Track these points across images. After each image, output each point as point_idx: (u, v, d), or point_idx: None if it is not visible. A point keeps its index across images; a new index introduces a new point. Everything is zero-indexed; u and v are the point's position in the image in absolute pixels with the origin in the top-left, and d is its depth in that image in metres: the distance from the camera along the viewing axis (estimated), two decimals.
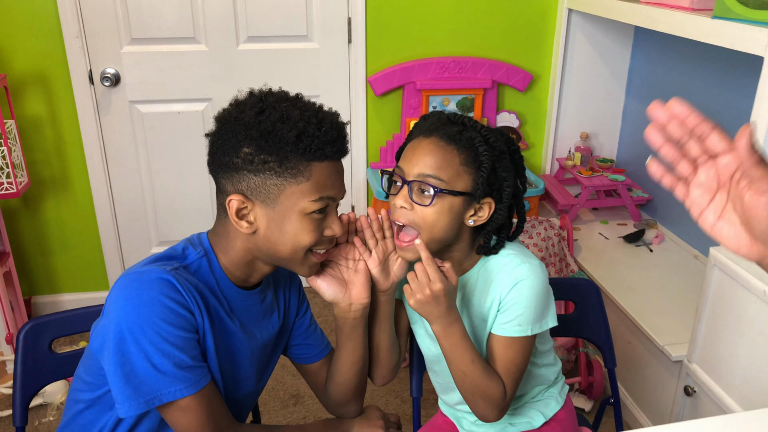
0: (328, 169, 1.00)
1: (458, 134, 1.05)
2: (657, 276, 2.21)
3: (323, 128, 0.97)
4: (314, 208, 0.99)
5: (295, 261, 1.03)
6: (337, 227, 1.04)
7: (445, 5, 2.47)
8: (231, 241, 1.04)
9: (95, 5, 2.27)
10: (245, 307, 1.09)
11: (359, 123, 2.58)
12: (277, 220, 1.00)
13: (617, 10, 2.14)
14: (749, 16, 1.55)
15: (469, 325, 1.15)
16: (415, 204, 1.04)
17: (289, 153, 0.96)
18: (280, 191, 0.98)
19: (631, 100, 2.72)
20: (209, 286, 1.04)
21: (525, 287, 1.09)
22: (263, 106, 0.98)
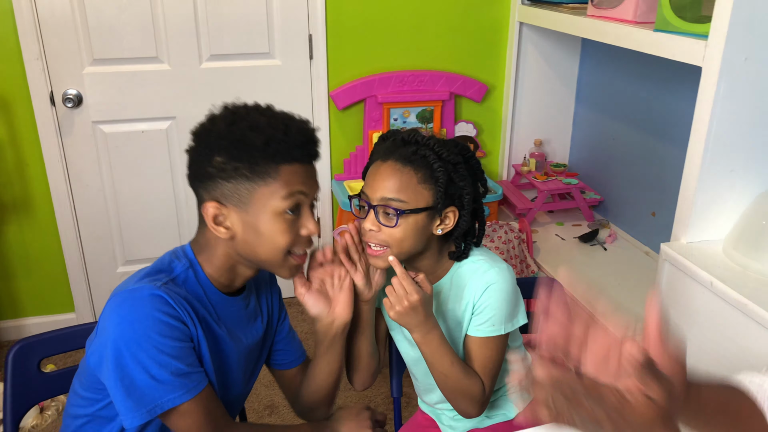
0: (296, 169, 1.05)
1: (413, 155, 1.12)
2: (612, 272, 2.33)
3: (290, 134, 1.03)
4: (285, 206, 1.04)
5: (275, 263, 1.08)
6: (312, 226, 1.08)
7: (402, 21, 2.56)
8: (212, 249, 1.09)
9: (55, 27, 2.28)
10: (231, 312, 1.14)
11: (323, 136, 2.64)
12: (252, 223, 1.04)
13: (566, 23, 2.26)
14: (687, 29, 1.68)
15: (446, 329, 1.22)
16: (383, 226, 1.12)
17: (258, 158, 1.02)
18: (251, 194, 1.03)
19: (580, 108, 2.86)
20: (197, 296, 1.08)
21: (495, 290, 1.17)
22: (234, 118, 1.05)
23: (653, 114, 2.39)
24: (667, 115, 2.30)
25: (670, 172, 2.28)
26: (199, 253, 1.10)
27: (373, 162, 1.18)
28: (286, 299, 3.00)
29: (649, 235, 2.46)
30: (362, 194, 1.17)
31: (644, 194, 2.48)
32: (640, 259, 2.42)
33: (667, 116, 2.30)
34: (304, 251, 1.11)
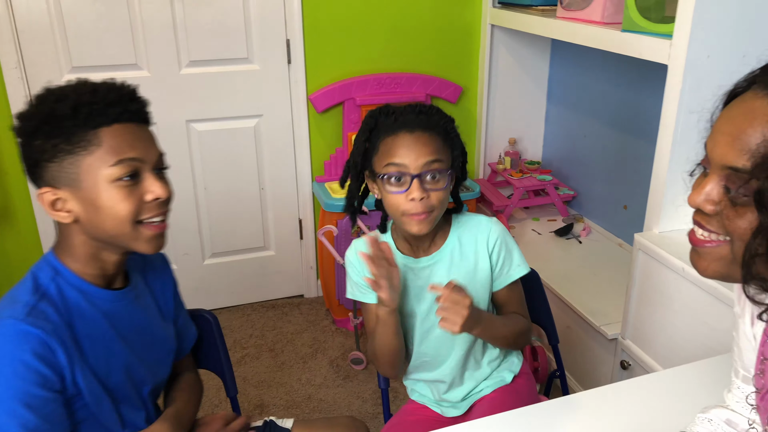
0: (120, 131, 0.98)
1: (431, 122, 1.20)
2: (588, 264, 2.42)
3: (99, 94, 0.97)
4: (118, 173, 0.97)
5: (126, 236, 1.01)
6: (159, 189, 1.01)
7: (379, 25, 2.62)
8: (69, 241, 1.03)
9: (33, 35, 2.28)
10: (118, 308, 1.08)
11: (302, 139, 2.68)
12: (89, 199, 0.98)
13: (536, 25, 2.34)
14: (653, 29, 1.77)
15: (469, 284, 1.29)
16: (430, 191, 1.18)
17: (72, 127, 0.96)
18: (78, 169, 0.97)
19: (551, 106, 2.95)
20: (75, 303, 1.02)
21: (500, 232, 1.33)
22: (41, 98, 0.99)
23: (622, 111, 2.48)
24: (635, 111, 2.40)
25: (640, 166, 2.37)
26: (61, 253, 1.05)
27: (392, 133, 1.19)
28: (270, 301, 3.03)
29: (622, 228, 2.56)
30: (395, 166, 1.18)
31: (616, 188, 2.57)
32: (613, 251, 2.51)
33: (636, 113, 2.39)
34: (158, 218, 1.03)
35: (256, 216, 2.78)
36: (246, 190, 2.72)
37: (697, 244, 0.76)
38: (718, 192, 0.72)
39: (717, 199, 0.72)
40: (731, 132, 0.69)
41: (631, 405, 1.15)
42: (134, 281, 1.13)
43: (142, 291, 1.16)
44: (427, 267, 1.31)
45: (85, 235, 1.02)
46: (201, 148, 2.60)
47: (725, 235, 0.72)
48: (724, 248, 0.73)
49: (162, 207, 1.04)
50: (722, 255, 0.74)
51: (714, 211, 0.72)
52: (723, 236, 0.73)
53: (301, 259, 2.91)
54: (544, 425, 1.10)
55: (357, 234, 2.53)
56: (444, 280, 1.29)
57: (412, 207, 1.18)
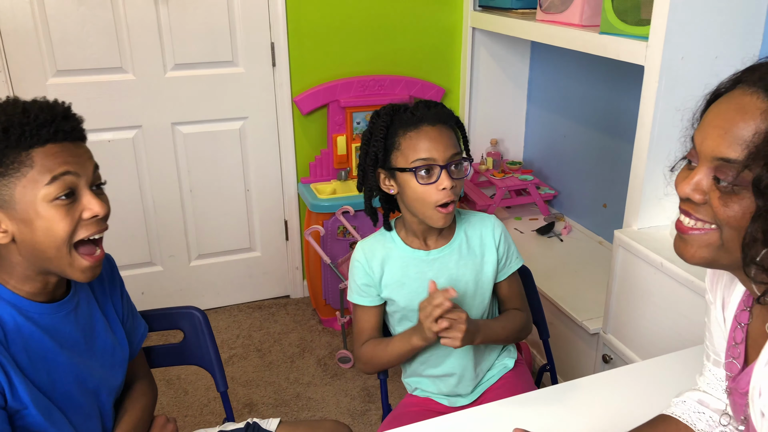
0: (53, 150, 0.96)
1: (444, 114, 1.27)
2: (569, 262, 2.47)
3: (31, 114, 0.95)
4: (55, 192, 0.96)
5: (63, 262, 1.00)
6: (96, 206, 1.00)
7: (362, 28, 2.66)
8: (7, 261, 1.01)
9: (18, 39, 2.28)
10: (57, 320, 1.07)
11: (287, 141, 2.71)
12: (24, 220, 0.96)
13: (516, 28, 2.39)
14: (630, 31, 1.82)
15: (474, 277, 1.38)
16: (455, 180, 1.25)
17: (4, 149, 0.94)
18: (12, 191, 0.95)
19: (532, 108, 3.00)
20: (10, 320, 1.01)
21: (502, 228, 1.42)
22: None
23: (601, 111, 2.54)
24: (614, 111, 2.46)
25: (618, 165, 2.43)
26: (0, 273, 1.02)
27: (414, 128, 1.25)
28: (257, 302, 3.05)
29: (602, 226, 2.62)
30: (428, 160, 1.24)
31: (596, 187, 2.63)
32: (593, 248, 2.57)
33: (614, 113, 2.46)
34: (97, 235, 1.02)
35: (242, 217, 2.80)
36: (232, 192, 2.74)
37: (684, 231, 0.80)
38: (707, 182, 0.76)
39: (706, 188, 0.76)
40: (722, 125, 0.74)
41: (618, 392, 1.20)
42: (74, 291, 1.11)
43: (83, 298, 1.13)
44: (437, 259, 1.37)
45: (23, 255, 1.00)
46: (186, 151, 2.61)
47: (713, 222, 0.77)
48: (711, 235, 0.77)
49: (100, 224, 1.02)
50: (710, 242, 0.78)
51: (703, 200, 0.77)
52: (711, 224, 0.77)
53: (287, 260, 2.93)
54: (548, 410, 1.15)
55: (343, 234, 2.56)
56: (454, 272, 1.36)
57: (444, 196, 1.24)
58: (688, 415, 0.98)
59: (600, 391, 1.21)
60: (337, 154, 2.67)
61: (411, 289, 1.37)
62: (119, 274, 1.25)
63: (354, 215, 2.52)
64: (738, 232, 0.74)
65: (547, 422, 1.12)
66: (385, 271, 1.37)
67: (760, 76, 0.73)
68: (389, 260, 1.37)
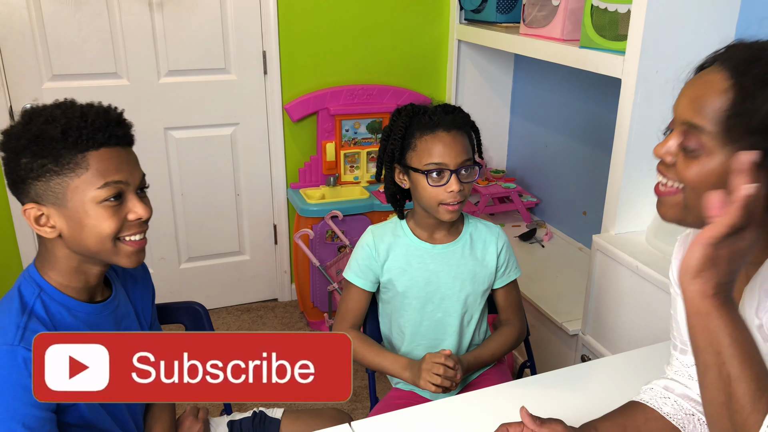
0: (107, 155, 1.02)
1: (460, 120, 1.36)
2: (550, 267, 2.56)
3: (89, 119, 1.01)
4: (104, 195, 1.02)
5: (107, 252, 1.06)
6: (141, 209, 1.06)
7: (352, 39, 2.74)
8: (52, 255, 1.07)
9: (14, 44, 2.33)
10: (100, 320, 1.12)
11: (278, 147, 2.77)
12: (73, 217, 1.03)
13: (500, 41, 2.48)
14: (608, 45, 1.92)
15: (472, 277, 1.47)
16: (464, 183, 1.34)
17: (61, 150, 1.00)
18: (65, 189, 1.01)
19: (515, 118, 3.10)
20: (61, 319, 1.06)
21: (505, 239, 1.51)
22: (30, 117, 1.03)
23: (581, 122, 2.64)
24: (593, 122, 2.56)
25: (598, 174, 2.53)
26: (44, 266, 1.08)
27: (430, 132, 1.35)
28: (245, 305, 3.09)
29: (582, 232, 2.71)
30: (439, 164, 1.33)
31: (576, 195, 2.73)
32: (573, 254, 2.66)
33: (593, 124, 2.55)
34: (138, 236, 1.09)
35: (232, 221, 2.86)
36: (222, 196, 2.80)
37: (659, 194, 0.91)
38: (676, 145, 0.86)
39: (674, 151, 0.87)
40: (692, 95, 0.84)
41: (593, 382, 1.28)
42: (115, 291, 1.17)
43: (122, 300, 1.20)
44: (440, 253, 1.47)
45: (68, 249, 1.06)
46: (178, 155, 2.67)
47: (679, 183, 0.86)
48: (677, 196, 0.88)
49: (143, 226, 1.09)
50: (677, 202, 0.88)
51: (672, 161, 0.87)
52: (677, 184, 0.87)
53: (276, 263, 2.99)
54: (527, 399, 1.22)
55: (331, 239, 2.63)
56: (454, 268, 1.46)
57: (451, 198, 1.34)
58: (655, 400, 1.06)
59: (577, 382, 1.29)
60: (326, 161, 2.74)
61: (411, 276, 1.46)
62: (152, 282, 1.32)
63: (342, 220, 2.58)
64: (697, 193, 0.84)
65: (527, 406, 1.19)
66: (390, 255, 1.46)
67: (730, 55, 0.83)
68: (396, 246, 1.46)
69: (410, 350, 1.52)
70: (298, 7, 2.62)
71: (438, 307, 1.48)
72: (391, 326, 1.55)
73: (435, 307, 1.48)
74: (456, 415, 1.19)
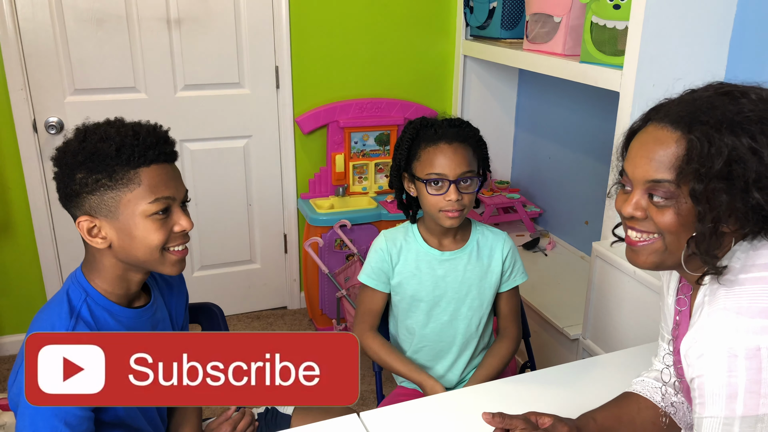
0: (157, 171, 1.10)
1: (465, 133, 1.43)
2: (553, 275, 2.63)
3: (140, 137, 1.09)
4: (154, 209, 1.10)
5: (154, 261, 1.14)
6: (185, 222, 1.14)
7: (361, 54, 2.84)
8: (99, 263, 1.14)
9: (39, 59, 2.44)
10: (139, 324, 1.20)
11: (288, 158, 2.87)
12: (124, 229, 1.10)
13: (504, 56, 2.57)
14: (607, 60, 2.00)
15: (478, 284, 1.54)
16: (464, 194, 1.41)
17: (115, 166, 1.07)
18: (117, 203, 1.08)
19: (519, 131, 3.18)
20: (104, 322, 1.14)
21: (511, 244, 1.57)
22: (85, 135, 1.10)
23: (583, 135, 2.72)
24: (594, 135, 2.63)
25: (599, 184, 2.60)
26: (90, 273, 1.16)
27: (432, 144, 1.42)
28: (255, 312, 3.17)
29: (584, 242, 2.78)
30: (437, 174, 1.41)
31: (578, 206, 2.80)
32: (576, 263, 2.73)
33: (594, 136, 2.63)
34: (182, 246, 1.17)
35: (244, 231, 2.94)
36: (234, 206, 2.89)
37: (634, 244, 0.98)
38: (644, 201, 0.94)
39: (645, 206, 0.94)
40: (647, 155, 0.92)
41: (590, 378, 1.35)
42: (153, 297, 1.25)
43: (159, 306, 1.27)
44: (448, 260, 1.54)
45: (115, 258, 1.14)
46: (193, 166, 2.76)
47: (656, 232, 0.94)
48: (656, 243, 0.95)
49: (186, 237, 1.18)
50: (656, 248, 0.95)
51: (644, 215, 0.94)
52: (654, 234, 0.94)
53: (286, 272, 3.07)
54: (527, 393, 1.29)
55: (340, 247, 2.71)
56: (461, 274, 1.53)
57: (449, 206, 1.41)
58: (647, 390, 1.13)
59: (575, 377, 1.36)
60: (335, 172, 2.83)
61: (420, 280, 1.54)
62: (186, 289, 1.40)
63: (351, 229, 2.67)
64: (677, 236, 0.92)
65: (526, 401, 1.27)
66: (400, 259, 1.54)
67: (664, 113, 0.92)
68: (407, 251, 1.54)
69: (416, 350, 1.60)
70: (309, 24, 2.72)
71: (444, 311, 1.56)
72: (398, 327, 1.62)
73: (442, 311, 1.56)
74: (460, 408, 1.26)
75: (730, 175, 0.85)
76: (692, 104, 0.90)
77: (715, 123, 0.86)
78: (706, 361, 0.85)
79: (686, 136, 0.88)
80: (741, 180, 0.85)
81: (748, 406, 0.82)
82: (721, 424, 0.84)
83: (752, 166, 0.84)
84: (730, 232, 0.90)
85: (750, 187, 0.84)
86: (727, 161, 0.85)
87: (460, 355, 1.59)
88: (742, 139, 0.85)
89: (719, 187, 0.85)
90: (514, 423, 1.04)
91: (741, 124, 0.85)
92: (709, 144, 0.85)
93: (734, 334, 0.83)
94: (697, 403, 0.87)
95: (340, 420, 1.20)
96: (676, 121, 0.89)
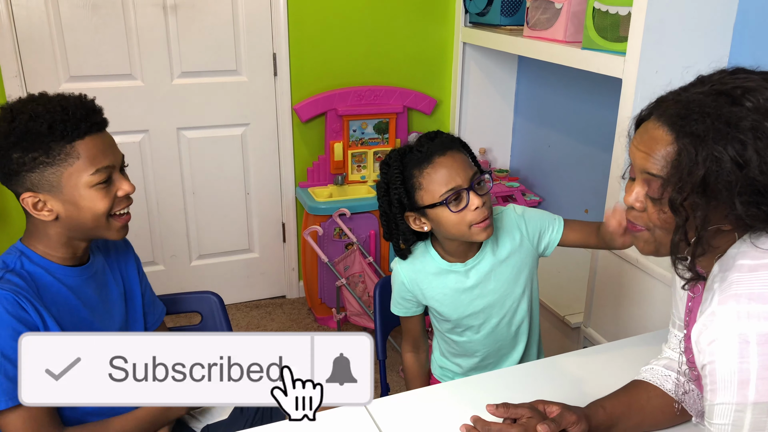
0: (93, 142, 1.13)
1: (448, 140, 1.32)
2: (552, 263, 2.61)
3: (69, 111, 1.11)
4: (96, 180, 1.13)
5: (101, 228, 1.18)
6: (128, 186, 1.19)
7: (360, 41, 2.81)
8: (43, 232, 1.17)
9: (34, 46, 2.41)
10: (82, 280, 1.22)
11: (287, 147, 2.84)
12: (70, 200, 1.13)
13: (504, 43, 2.55)
14: (609, 47, 1.98)
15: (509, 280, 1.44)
16: (482, 197, 1.29)
17: (50, 143, 1.09)
18: (59, 177, 1.11)
19: (518, 119, 3.17)
20: (39, 276, 1.15)
21: (522, 211, 1.46)
22: (13, 115, 1.11)
23: (583, 122, 2.70)
24: (594, 122, 2.62)
25: (599, 172, 2.59)
26: (30, 240, 1.18)
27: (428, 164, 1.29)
28: (254, 301, 3.15)
29: None
30: (451, 190, 1.27)
31: (578, 194, 2.79)
32: (576, 251, 2.69)
33: (595, 123, 2.62)
34: (126, 210, 1.22)
35: (242, 219, 2.92)
36: (232, 195, 2.87)
37: (633, 229, 0.99)
38: (643, 194, 0.94)
39: (643, 198, 0.95)
40: (644, 150, 0.92)
41: (595, 366, 1.34)
42: (93, 260, 1.27)
43: (101, 269, 1.29)
44: (473, 267, 1.42)
45: (61, 229, 1.16)
46: (190, 155, 2.74)
47: (647, 225, 0.95)
48: (646, 234, 0.96)
49: (129, 199, 1.22)
50: (646, 239, 0.97)
51: (642, 207, 0.95)
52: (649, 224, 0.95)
53: (284, 261, 3.06)
54: (534, 379, 1.28)
55: (339, 236, 2.69)
56: (490, 274, 1.41)
57: (479, 215, 1.28)
58: (657, 378, 1.12)
59: (581, 365, 1.35)
60: (334, 160, 2.81)
61: (453, 299, 1.43)
62: (135, 254, 1.40)
63: (350, 217, 2.65)
64: (667, 232, 0.93)
65: (531, 390, 1.26)
66: (425, 287, 1.43)
67: (664, 110, 0.91)
68: (428, 277, 1.42)
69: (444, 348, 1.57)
70: (307, 11, 2.69)
71: (470, 321, 1.46)
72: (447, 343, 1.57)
73: (468, 324, 1.47)
74: (466, 395, 1.25)
75: (708, 189, 0.85)
76: (686, 106, 0.88)
77: (704, 132, 0.85)
78: (717, 347, 0.84)
79: (676, 142, 0.88)
80: (723, 193, 0.84)
81: (761, 392, 0.81)
82: (733, 411, 0.83)
83: (734, 178, 0.83)
84: (730, 229, 0.90)
85: (734, 199, 0.84)
86: (706, 175, 0.84)
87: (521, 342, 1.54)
88: (729, 149, 0.83)
89: (696, 201, 0.86)
90: (520, 412, 1.04)
91: (732, 132, 0.84)
92: (695, 154, 0.85)
93: (746, 320, 0.82)
94: (709, 389, 0.86)
95: (346, 409, 1.19)
96: (671, 123, 0.89)
